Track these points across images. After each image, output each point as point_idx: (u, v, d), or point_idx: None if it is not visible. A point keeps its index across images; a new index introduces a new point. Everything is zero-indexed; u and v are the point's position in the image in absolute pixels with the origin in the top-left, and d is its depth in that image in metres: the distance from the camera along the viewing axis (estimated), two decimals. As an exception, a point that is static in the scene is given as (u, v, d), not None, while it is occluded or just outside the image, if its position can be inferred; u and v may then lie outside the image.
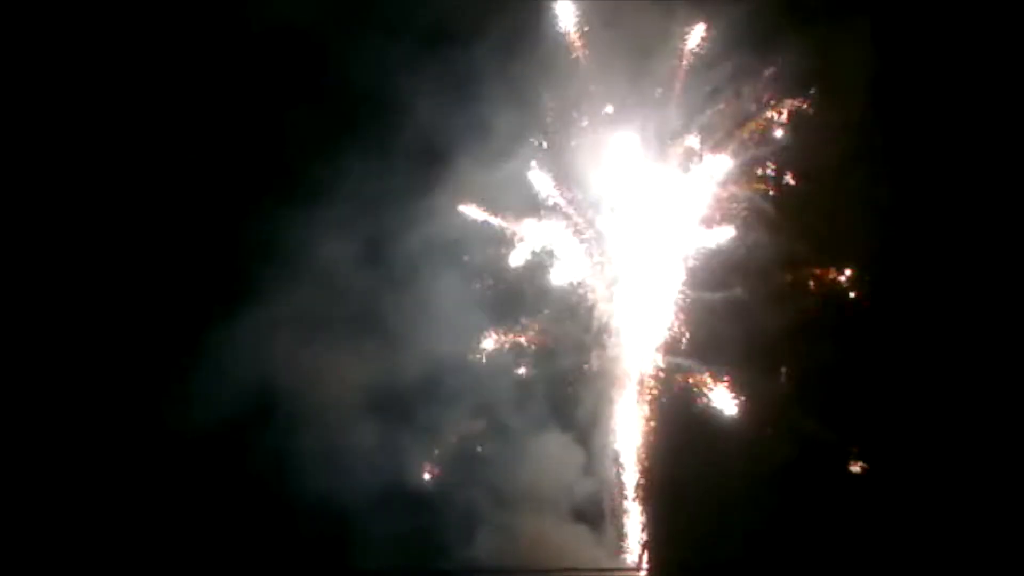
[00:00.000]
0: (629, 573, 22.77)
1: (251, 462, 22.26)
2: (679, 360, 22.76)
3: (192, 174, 23.00)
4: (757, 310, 22.24)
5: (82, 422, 22.36)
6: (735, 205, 22.69)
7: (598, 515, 23.22)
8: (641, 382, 22.98)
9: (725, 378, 22.36)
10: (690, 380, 22.61)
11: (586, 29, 22.68)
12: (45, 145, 22.68)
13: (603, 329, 23.27)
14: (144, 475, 22.27)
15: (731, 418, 22.32)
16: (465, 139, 22.65)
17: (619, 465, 23.10)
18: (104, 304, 22.78)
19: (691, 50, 22.55)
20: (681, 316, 22.83)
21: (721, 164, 22.74)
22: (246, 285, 22.59)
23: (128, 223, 22.91)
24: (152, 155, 22.96)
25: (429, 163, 22.95)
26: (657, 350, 22.95)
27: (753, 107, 22.70)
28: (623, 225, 23.17)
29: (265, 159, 23.05)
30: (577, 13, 22.75)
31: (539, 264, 23.24)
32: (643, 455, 22.95)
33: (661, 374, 22.83)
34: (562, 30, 22.78)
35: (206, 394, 22.00)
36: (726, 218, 22.72)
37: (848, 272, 22.75)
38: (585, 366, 23.31)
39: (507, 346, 23.29)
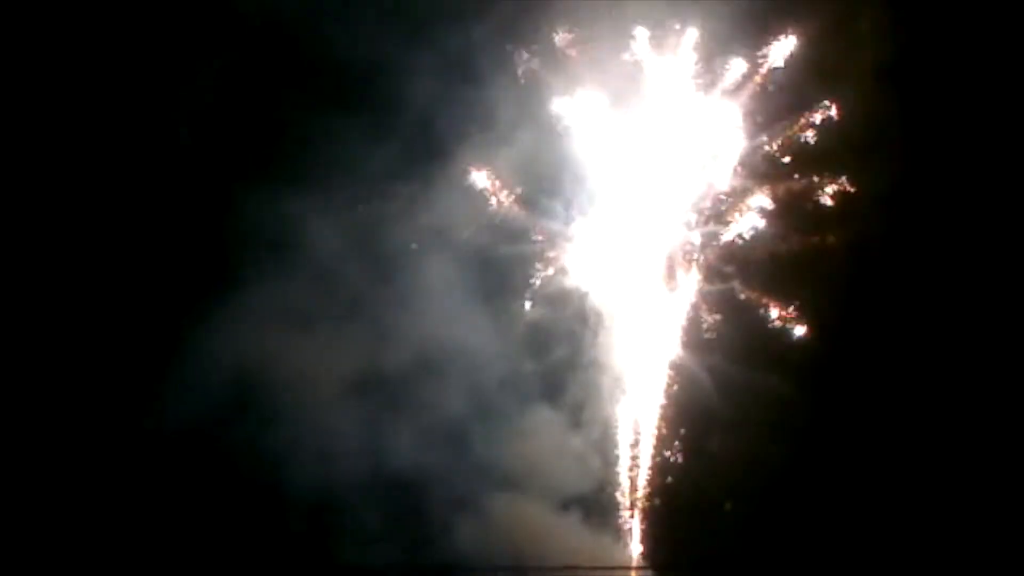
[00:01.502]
0: (627, 569, 22.72)
1: (233, 454, 21.89)
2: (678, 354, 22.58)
3: (172, 164, 22.54)
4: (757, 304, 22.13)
5: (62, 417, 21.97)
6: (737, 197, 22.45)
7: (589, 504, 22.93)
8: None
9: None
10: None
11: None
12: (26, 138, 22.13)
13: (597, 318, 22.91)
14: (127, 469, 21.98)
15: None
16: (457, 122, 22.35)
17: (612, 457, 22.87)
18: (83, 298, 22.31)
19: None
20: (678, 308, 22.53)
21: (722, 156, 22.45)
22: (228, 274, 22.22)
23: (107, 215, 22.38)
24: (133, 143, 22.43)
25: (418, 147, 22.60)
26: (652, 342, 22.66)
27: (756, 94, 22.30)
28: (619, 212, 22.76)
29: (248, 145, 22.60)
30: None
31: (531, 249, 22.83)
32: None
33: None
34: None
35: (187, 386, 21.76)
36: (729, 208, 22.48)
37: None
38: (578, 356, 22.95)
39: None
